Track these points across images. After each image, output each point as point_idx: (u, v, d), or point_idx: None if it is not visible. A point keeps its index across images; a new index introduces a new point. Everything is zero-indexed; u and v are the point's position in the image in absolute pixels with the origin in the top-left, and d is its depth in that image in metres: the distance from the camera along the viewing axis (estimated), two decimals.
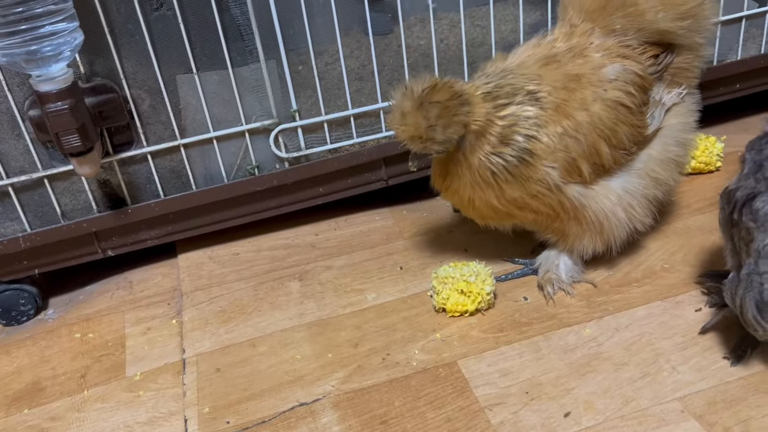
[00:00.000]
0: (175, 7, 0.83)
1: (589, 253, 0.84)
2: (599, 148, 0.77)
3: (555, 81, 0.76)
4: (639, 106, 0.79)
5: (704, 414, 0.66)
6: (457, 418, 0.70)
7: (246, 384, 0.78)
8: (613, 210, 0.79)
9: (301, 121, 0.94)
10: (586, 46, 0.79)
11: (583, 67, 0.77)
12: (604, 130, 0.77)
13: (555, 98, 0.75)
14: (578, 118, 0.76)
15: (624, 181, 0.80)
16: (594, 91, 0.77)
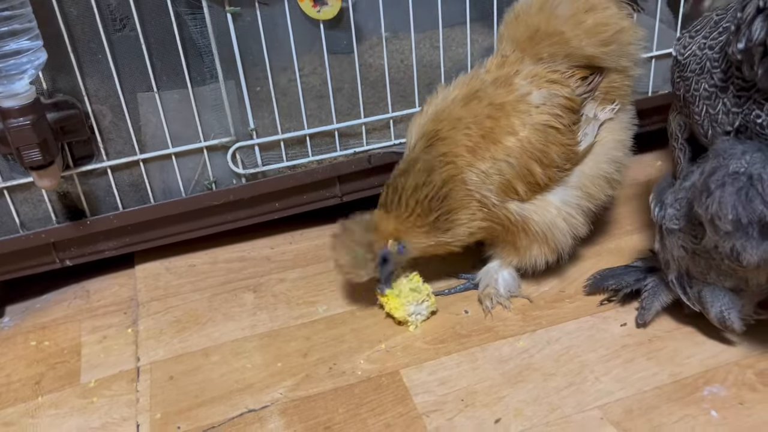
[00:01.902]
0: (137, 27, 0.87)
1: (542, 264, 0.90)
2: (532, 168, 0.83)
3: (478, 113, 0.82)
4: (568, 126, 0.85)
5: (621, 421, 0.72)
6: (396, 424, 0.74)
7: (197, 391, 0.82)
8: (554, 221, 0.86)
9: (258, 139, 0.98)
10: (512, 75, 0.85)
11: (507, 96, 0.84)
12: (534, 152, 0.83)
13: (480, 129, 0.81)
14: (507, 143, 0.82)
15: (562, 194, 0.87)
16: (521, 118, 0.83)
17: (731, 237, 0.64)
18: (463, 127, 0.81)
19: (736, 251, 0.65)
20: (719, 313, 0.75)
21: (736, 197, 0.62)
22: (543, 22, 0.86)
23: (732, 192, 0.62)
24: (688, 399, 0.74)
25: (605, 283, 0.89)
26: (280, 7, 0.91)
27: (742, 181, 0.62)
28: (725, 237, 0.64)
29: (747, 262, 0.65)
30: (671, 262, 0.78)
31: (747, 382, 0.75)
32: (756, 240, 0.62)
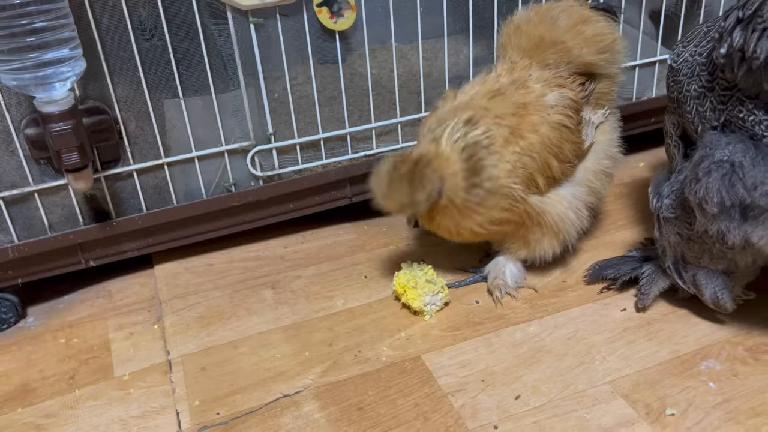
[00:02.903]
0: (165, 37, 0.92)
1: (550, 256, 0.96)
2: (550, 163, 0.90)
3: (505, 110, 0.89)
4: (576, 125, 0.93)
5: (629, 393, 0.79)
6: (424, 403, 0.80)
7: (231, 380, 0.86)
8: (566, 213, 0.93)
9: (276, 143, 1.04)
10: (527, 78, 0.93)
11: (528, 96, 0.91)
12: (552, 147, 0.90)
13: (508, 125, 0.88)
14: (531, 140, 0.89)
15: (571, 188, 0.94)
16: (540, 116, 0.90)
17: (717, 219, 0.72)
18: (493, 117, 0.88)
19: (721, 233, 0.73)
20: (713, 294, 0.83)
21: (720, 182, 0.70)
22: (546, 32, 0.94)
23: (717, 178, 0.70)
24: (687, 373, 0.81)
25: (604, 273, 0.97)
26: (300, 18, 0.97)
27: (725, 168, 0.70)
28: (712, 220, 0.72)
29: (731, 243, 0.73)
30: (668, 249, 0.86)
31: (739, 357, 0.83)
32: (738, 221, 0.70)
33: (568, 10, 0.95)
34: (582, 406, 0.78)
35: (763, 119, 0.70)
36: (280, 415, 0.80)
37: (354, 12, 0.98)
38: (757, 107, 0.71)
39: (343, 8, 0.97)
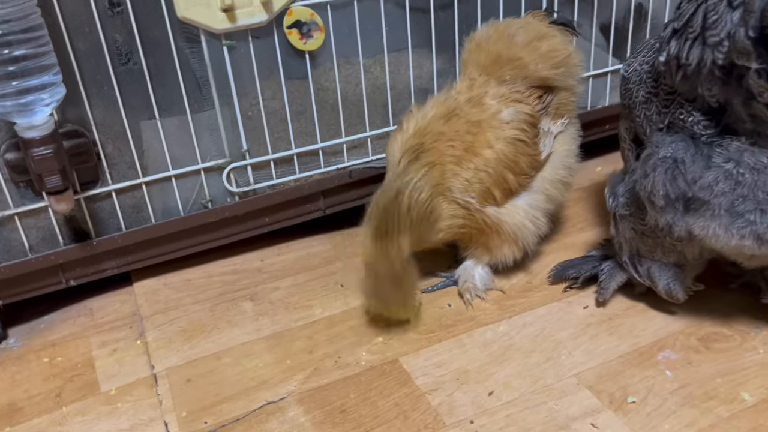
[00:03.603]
0: (141, 61, 0.95)
1: (510, 260, 1.02)
2: (506, 176, 0.95)
3: (459, 129, 0.94)
4: (532, 139, 0.99)
5: (594, 385, 0.85)
6: (403, 402, 0.85)
7: (217, 390, 0.89)
8: (523, 222, 0.98)
9: (251, 159, 1.07)
10: (483, 95, 0.98)
11: (482, 114, 0.96)
12: (508, 162, 0.96)
13: (461, 143, 0.93)
14: (486, 155, 0.95)
15: (528, 198, 0.99)
16: (495, 133, 0.96)
17: (664, 212, 0.78)
18: (446, 140, 0.93)
19: (669, 225, 0.79)
20: (666, 286, 0.90)
21: (664, 176, 0.76)
22: (504, 49, 1.00)
23: (661, 172, 0.76)
24: (646, 363, 0.87)
25: (566, 273, 1.03)
26: (271, 40, 1.01)
27: (668, 163, 0.76)
28: (660, 212, 0.79)
29: (678, 235, 0.80)
30: (624, 245, 0.92)
31: (692, 346, 0.90)
32: (681, 213, 0.77)
33: (526, 26, 1.01)
34: (551, 398, 0.83)
35: (700, 120, 0.77)
36: (266, 421, 0.84)
37: (323, 33, 1.03)
38: (695, 109, 0.77)
39: (312, 30, 1.02)
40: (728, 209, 0.74)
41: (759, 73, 0.67)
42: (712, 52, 0.71)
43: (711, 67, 0.72)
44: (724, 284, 0.99)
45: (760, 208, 0.73)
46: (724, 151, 0.74)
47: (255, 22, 0.98)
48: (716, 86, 0.73)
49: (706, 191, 0.75)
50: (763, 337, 0.90)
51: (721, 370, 0.85)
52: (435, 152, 0.93)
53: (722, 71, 0.72)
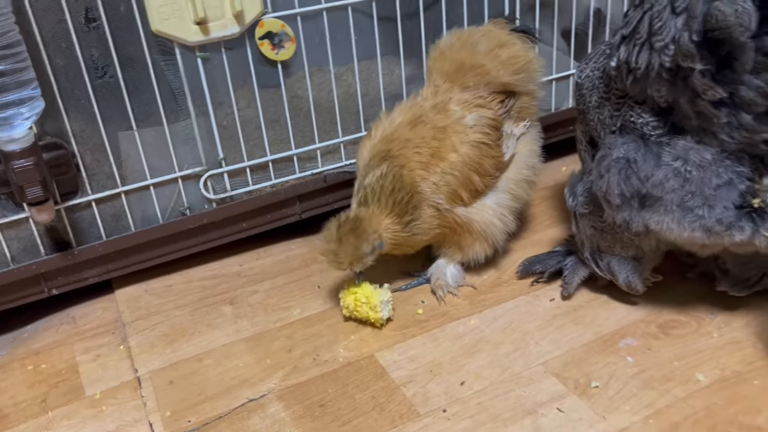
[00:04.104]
0: (117, 74, 0.98)
1: (482, 258, 1.06)
2: (472, 178, 1.00)
3: (425, 135, 0.99)
4: (495, 141, 1.03)
5: (560, 372, 0.89)
6: (379, 395, 0.88)
7: (199, 390, 0.92)
8: (492, 220, 1.03)
9: (227, 167, 1.11)
10: (447, 102, 1.02)
11: (447, 120, 1.00)
12: (473, 164, 1.00)
13: (428, 148, 0.97)
14: (452, 159, 0.99)
15: (495, 198, 1.04)
16: (459, 137, 1.00)
17: (621, 210, 0.83)
18: (413, 147, 0.97)
19: (626, 221, 0.84)
20: (626, 278, 0.95)
21: (618, 176, 0.81)
22: (467, 57, 1.04)
23: (615, 173, 0.81)
24: (608, 351, 0.92)
25: (533, 268, 1.07)
26: (243, 51, 1.04)
27: (621, 164, 0.81)
28: (617, 210, 0.84)
29: (635, 230, 0.85)
30: (585, 241, 0.97)
31: (651, 333, 0.95)
32: (637, 210, 0.82)
33: (487, 35, 1.06)
34: (519, 386, 0.88)
35: (650, 120, 0.82)
36: (248, 418, 0.87)
37: (294, 43, 1.07)
38: (645, 111, 0.83)
39: (284, 40, 1.06)
40: (679, 204, 0.79)
41: (703, 73, 0.72)
42: (658, 56, 0.76)
43: (658, 69, 0.77)
44: (681, 274, 1.04)
45: (707, 204, 0.78)
46: (672, 150, 0.79)
47: (228, 34, 1.01)
48: (664, 87, 0.78)
49: (657, 188, 0.80)
50: (718, 323, 0.95)
51: (678, 354, 0.90)
52: (402, 158, 0.97)
53: (669, 73, 0.77)
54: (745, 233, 0.79)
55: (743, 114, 0.72)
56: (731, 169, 0.77)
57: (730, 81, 0.71)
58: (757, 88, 0.69)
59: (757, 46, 0.67)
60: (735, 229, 0.79)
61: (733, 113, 0.73)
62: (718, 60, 0.71)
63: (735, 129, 0.74)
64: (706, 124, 0.76)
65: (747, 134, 0.73)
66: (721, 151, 0.76)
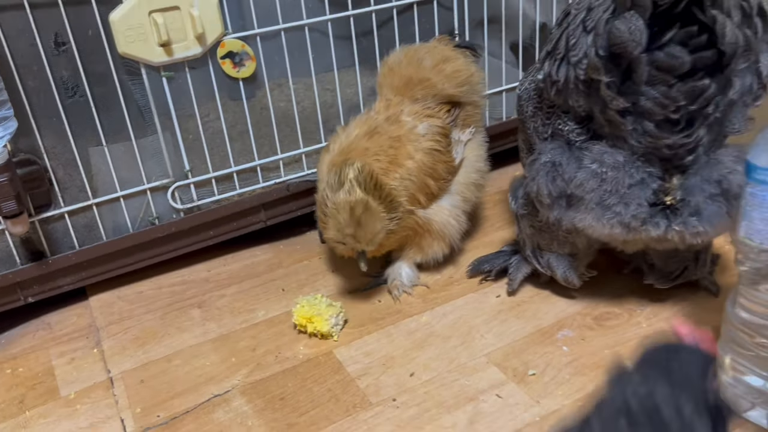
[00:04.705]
0: (87, 93, 1.04)
1: (440, 256, 1.14)
2: (428, 182, 1.08)
3: (381, 145, 1.06)
4: (446, 147, 1.11)
5: (501, 362, 0.97)
6: (335, 387, 0.95)
7: (168, 388, 0.99)
8: (448, 220, 1.11)
9: (193, 178, 1.17)
10: (399, 113, 1.10)
11: (401, 130, 1.08)
12: (427, 169, 1.08)
13: (386, 156, 1.05)
14: (408, 165, 1.07)
15: (449, 200, 1.12)
16: (414, 145, 1.08)
17: (552, 209, 0.91)
18: (372, 155, 1.05)
19: (558, 220, 0.92)
20: (563, 274, 1.03)
21: (546, 178, 0.89)
22: (414, 72, 1.12)
23: (544, 175, 0.90)
24: (546, 342, 1.00)
25: (482, 267, 1.15)
26: (207, 69, 1.11)
27: (549, 167, 0.89)
28: (548, 209, 0.92)
29: (566, 228, 0.93)
30: (526, 240, 1.05)
31: (587, 325, 1.03)
32: (565, 209, 0.90)
33: (432, 51, 1.14)
34: (464, 375, 0.95)
35: (574, 128, 0.90)
36: (213, 412, 0.94)
37: (254, 61, 1.14)
38: (570, 119, 0.91)
39: (244, 59, 1.13)
40: (598, 203, 0.87)
41: (608, 85, 0.81)
42: (574, 70, 0.85)
43: (575, 82, 0.85)
44: (618, 270, 1.13)
45: (623, 201, 0.86)
46: (589, 154, 0.87)
47: (191, 55, 1.08)
48: (581, 98, 0.86)
49: (579, 189, 0.88)
50: (647, 313, 1.04)
51: (609, 343, 0.99)
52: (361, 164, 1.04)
53: (584, 85, 0.85)
54: (659, 228, 0.87)
55: (646, 122, 0.80)
56: (642, 170, 0.85)
57: (632, 92, 0.79)
58: (653, 99, 0.78)
59: (649, 59, 0.76)
60: (650, 224, 0.87)
61: (637, 121, 0.81)
62: (623, 73, 0.80)
63: (640, 135, 0.82)
64: (617, 130, 0.84)
65: (651, 139, 0.82)
66: (632, 154, 0.85)
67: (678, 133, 0.82)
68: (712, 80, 0.78)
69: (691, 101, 0.79)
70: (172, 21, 1.04)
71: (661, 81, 0.77)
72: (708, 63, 0.77)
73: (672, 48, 0.76)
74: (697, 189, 0.86)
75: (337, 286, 1.18)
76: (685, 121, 0.81)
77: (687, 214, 0.87)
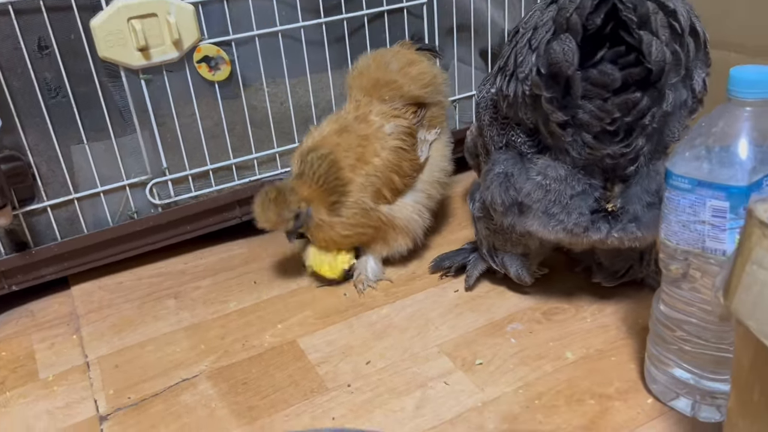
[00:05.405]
0: (69, 94, 1.11)
1: (404, 250, 1.21)
2: (393, 179, 1.14)
3: (351, 142, 1.13)
4: (411, 146, 1.18)
5: (452, 352, 1.03)
6: (296, 373, 1.02)
7: (140, 373, 1.05)
8: (412, 216, 1.18)
9: (170, 175, 1.24)
10: (368, 113, 1.17)
11: (369, 129, 1.15)
12: (393, 166, 1.14)
13: (354, 153, 1.12)
14: (375, 163, 1.13)
15: (412, 196, 1.19)
16: (380, 143, 1.15)
17: (505, 216, 0.97)
18: (342, 151, 1.12)
19: (511, 225, 0.98)
20: (516, 272, 1.09)
21: (499, 188, 0.95)
22: (381, 75, 1.19)
23: (497, 185, 0.96)
24: (496, 334, 1.07)
25: (443, 263, 1.22)
26: (183, 73, 1.18)
27: (501, 178, 0.95)
28: (502, 216, 0.98)
29: (519, 232, 0.99)
30: (483, 240, 1.12)
31: (535, 319, 1.09)
32: (517, 215, 0.96)
33: (397, 55, 1.21)
34: (416, 364, 1.02)
35: (525, 140, 0.96)
36: (180, 394, 1.00)
37: (229, 65, 1.20)
38: (522, 131, 0.97)
39: (219, 63, 1.19)
40: (544, 211, 0.93)
41: (549, 100, 0.87)
42: (521, 85, 0.91)
43: (522, 96, 0.91)
44: (570, 269, 1.19)
45: (566, 210, 0.92)
46: (534, 166, 0.93)
47: (168, 59, 1.14)
48: (529, 111, 0.92)
49: (528, 198, 0.94)
50: (593, 309, 1.10)
51: (554, 336, 1.05)
52: (327, 150, 1.11)
53: (531, 99, 0.91)
54: (601, 233, 0.93)
55: (584, 133, 0.86)
56: (584, 181, 0.91)
57: (572, 106, 0.85)
58: (590, 112, 0.84)
59: (584, 76, 0.82)
60: (592, 230, 0.93)
61: (576, 133, 0.87)
62: (563, 89, 0.86)
63: (580, 147, 0.88)
64: (559, 142, 0.90)
65: (590, 150, 0.88)
66: (574, 167, 0.91)
67: (618, 143, 0.87)
68: (644, 94, 0.84)
69: (626, 113, 0.85)
70: (150, 27, 1.10)
71: (596, 95, 0.83)
72: (638, 78, 0.83)
73: (604, 66, 0.82)
74: (636, 198, 0.92)
75: (308, 279, 1.24)
76: (624, 132, 0.87)
77: (626, 220, 0.93)
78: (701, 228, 0.76)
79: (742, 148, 0.74)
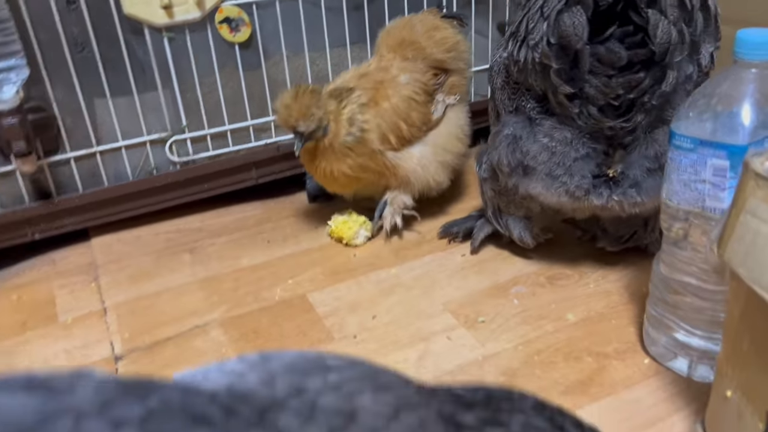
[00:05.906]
0: (94, 49, 1.14)
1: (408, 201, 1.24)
2: (399, 125, 1.18)
3: (366, 84, 1.17)
4: (424, 101, 1.22)
5: (456, 310, 1.06)
6: (304, 324, 1.05)
7: (155, 318, 1.09)
8: (415, 168, 1.20)
9: (190, 134, 1.27)
10: (389, 66, 1.21)
11: (385, 76, 1.19)
12: (401, 113, 1.18)
13: (368, 95, 1.16)
14: (384, 106, 1.17)
15: (420, 149, 1.22)
16: (393, 90, 1.18)
17: (510, 177, 1.00)
18: (357, 91, 1.16)
19: (515, 186, 1.01)
20: (519, 234, 1.12)
21: (507, 149, 0.98)
22: (407, 35, 1.23)
23: (505, 146, 0.98)
24: (500, 295, 1.09)
25: (451, 230, 1.24)
26: (205, 33, 1.21)
27: (510, 139, 0.98)
28: (507, 177, 1.00)
29: (522, 194, 1.01)
30: (488, 202, 1.14)
31: (539, 282, 1.11)
32: (521, 177, 0.98)
33: (423, 20, 1.26)
34: (420, 319, 1.05)
35: (534, 105, 0.98)
36: (193, 340, 1.04)
37: (249, 27, 1.23)
38: (531, 97, 0.99)
39: (240, 25, 1.22)
40: (548, 173, 0.96)
41: (558, 72, 0.88)
42: (532, 52, 0.93)
43: (532, 63, 0.93)
44: (576, 238, 1.21)
45: (569, 173, 0.94)
46: (542, 129, 0.95)
47: (190, 18, 1.18)
48: (539, 78, 0.94)
49: (533, 160, 0.96)
50: (597, 276, 1.12)
51: (557, 299, 1.07)
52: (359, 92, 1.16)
53: (540, 67, 0.93)
54: (602, 198, 0.95)
55: (590, 106, 0.88)
56: (588, 145, 0.93)
57: (579, 79, 0.87)
58: (596, 87, 0.86)
59: (592, 51, 0.84)
60: (593, 194, 0.95)
61: (583, 105, 0.89)
62: (572, 61, 0.87)
63: (585, 117, 0.90)
64: (566, 111, 0.92)
65: (594, 122, 0.90)
66: (579, 131, 0.93)
67: (618, 117, 0.89)
68: (647, 73, 0.85)
69: (629, 91, 0.86)
70: None
71: (602, 72, 0.85)
72: (643, 58, 0.84)
73: (612, 44, 0.84)
74: (637, 164, 0.94)
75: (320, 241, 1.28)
76: (625, 107, 0.89)
77: (627, 185, 0.94)
78: (702, 187, 0.78)
79: (746, 109, 0.75)
